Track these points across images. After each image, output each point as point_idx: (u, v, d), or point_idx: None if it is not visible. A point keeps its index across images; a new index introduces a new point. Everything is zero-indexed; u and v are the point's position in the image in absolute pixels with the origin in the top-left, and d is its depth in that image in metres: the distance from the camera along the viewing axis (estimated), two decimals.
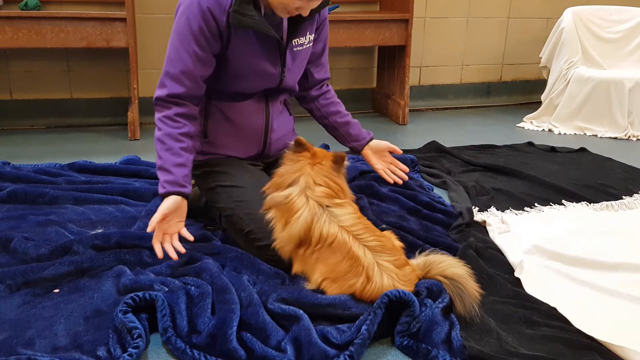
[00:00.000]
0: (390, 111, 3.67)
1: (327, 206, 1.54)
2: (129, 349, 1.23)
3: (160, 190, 1.63)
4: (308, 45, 1.81)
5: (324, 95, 2.00)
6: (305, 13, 1.61)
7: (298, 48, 1.77)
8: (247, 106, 1.79)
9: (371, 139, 2.06)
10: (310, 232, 1.50)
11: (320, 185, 1.57)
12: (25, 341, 1.26)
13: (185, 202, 1.64)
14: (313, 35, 1.82)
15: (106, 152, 2.76)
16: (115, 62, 3.29)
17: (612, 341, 1.32)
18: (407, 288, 1.42)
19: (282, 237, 1.56)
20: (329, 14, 3.06)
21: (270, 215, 1.60)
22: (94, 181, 2.23)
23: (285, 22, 1.71)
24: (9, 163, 2.42)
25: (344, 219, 1.52)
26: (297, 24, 1.71)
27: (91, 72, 3.28)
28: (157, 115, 1.66)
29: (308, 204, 1.53)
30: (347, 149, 2.10)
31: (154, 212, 1.96)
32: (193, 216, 1.97)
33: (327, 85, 2.03)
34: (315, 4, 1.60)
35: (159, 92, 1.65)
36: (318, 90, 1.99)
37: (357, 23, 3.26)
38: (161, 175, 1.63)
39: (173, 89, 1.63)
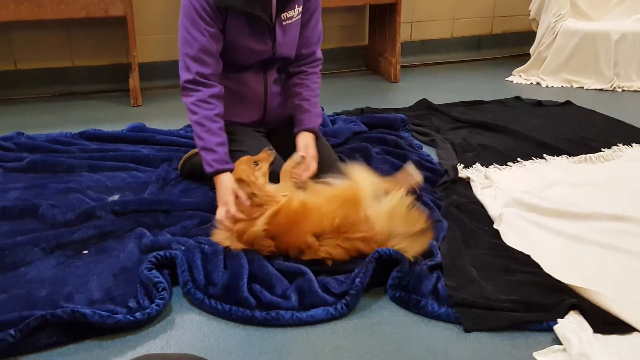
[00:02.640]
0: (382, 69, 3.76)
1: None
2: (156, 300, 1.42)
3: (209, 170, 1.75)
4: (298, 18, 1.90)
5: (299, 75, 1.99)
6: None
7: (287, 22, 1.87)
8: (247, 76, 1.94)
9: (305, 130, 1.92)
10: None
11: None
12: (65, 296, 1.44)
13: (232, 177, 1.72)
14: (301, 7, 1.90)
15: (111, 119, 2.89)
16: (112, 30, 3.36)
17: (575, 283, 1.49)
18: None
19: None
20: None
21: None
22: (105, 149, 2.38)
23: None
24: (23, 133, 2.56)
25: None
26: None
27: (90, 40, 3.36)
28: (189, 99, 1.78)
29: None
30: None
31: (162, 176, 2.14)
32: (201, 180, 2.13)
33: (312, 65, 2.01)
34: None
35: (186, 75, 1.77)
36: (295, 68, 2.01)
37: None
38: (206, 155, 1.76)
39: (198, 68, 1.75)
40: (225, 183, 1.70)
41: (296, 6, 1.88)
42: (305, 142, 1.89)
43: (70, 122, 2.83)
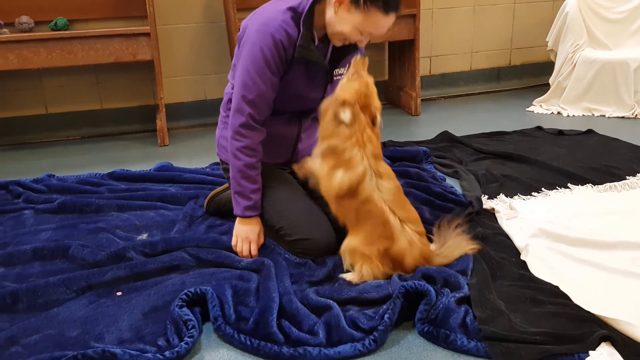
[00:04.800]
0: (403, 102, 3.81)
1: (374, 174, 1.70)
2: (185, 338, 1.43)
3: (238, 213, 1.88)
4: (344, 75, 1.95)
5: None
6: (362, 44, 1.82)
7: (337, 77, 1.91)
8: (281, 119, 1.95)
9: None
10: (359, 188, 1.66)
11: (369, 143, 1.71)
12: (96, 336, 1.47)
13: (259, 219, 1.91)
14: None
15: (139, 159, 2.96)
16: (140, 72, 3.48)
17: (605, 314, 1.47)
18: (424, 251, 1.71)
19: (333, 185, 1.69)
20: None
21: (324, 160, 1.73)
22: (133, 189, 2.44)
23: (329, 53, 1.87)
24: (54, 175, 2.64)
25: (385, 190, 1.70)
26: (342, 55, 1.87)
27: (118, 83, 3.48)
28: (238, 144, 1.81)
29: (363, 162, 1.68)
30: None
31: (189, 214, 2.18)
32: (226, 217, 2.17)
33: None
34: (372, 38, 1.78)
35: (239, 119, 1.80)
36: None
37: None
38: (240, 200, 1.86)
39: (251, 111, 1.80)
40: (252, 225, 1.88)
41: (347, 64, 1.90)
42: None
43: (99, 163, 2.91)
